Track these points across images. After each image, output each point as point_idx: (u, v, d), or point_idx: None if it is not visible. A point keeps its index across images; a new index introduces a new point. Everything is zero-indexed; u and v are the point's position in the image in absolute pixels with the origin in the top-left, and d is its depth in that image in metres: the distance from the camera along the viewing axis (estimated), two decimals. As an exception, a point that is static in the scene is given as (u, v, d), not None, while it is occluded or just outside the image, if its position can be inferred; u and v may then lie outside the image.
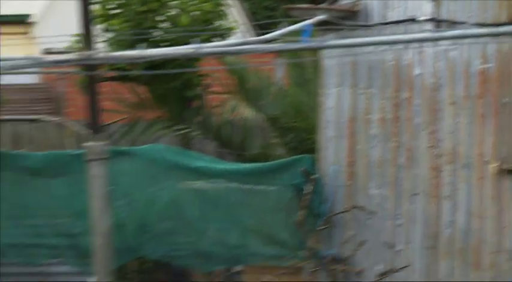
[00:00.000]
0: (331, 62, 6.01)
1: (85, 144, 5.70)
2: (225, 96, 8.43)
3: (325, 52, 6.00)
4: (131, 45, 6.72)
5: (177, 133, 8.35)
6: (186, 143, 8.30)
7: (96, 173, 5.50)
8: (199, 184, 6.41)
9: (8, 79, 10.19)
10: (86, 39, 5.56)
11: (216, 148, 8.46)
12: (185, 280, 7.56)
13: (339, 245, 5.96)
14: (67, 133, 10.25)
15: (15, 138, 10.03)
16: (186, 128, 8.22)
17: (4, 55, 5.66)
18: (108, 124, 7.15)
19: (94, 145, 5.50)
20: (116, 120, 8.36)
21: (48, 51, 8.25)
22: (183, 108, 8.25)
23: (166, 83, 7.94)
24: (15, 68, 5.59)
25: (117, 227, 5.98)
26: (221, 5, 8.47)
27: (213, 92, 8.55)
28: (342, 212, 5.93)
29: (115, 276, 5.87)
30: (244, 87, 7.96)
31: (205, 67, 8.16)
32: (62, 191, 6.64)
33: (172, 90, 8.06)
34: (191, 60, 6.96)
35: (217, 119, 8.35)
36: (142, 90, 8.24)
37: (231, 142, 8.20)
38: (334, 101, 6.01)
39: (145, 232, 6.40)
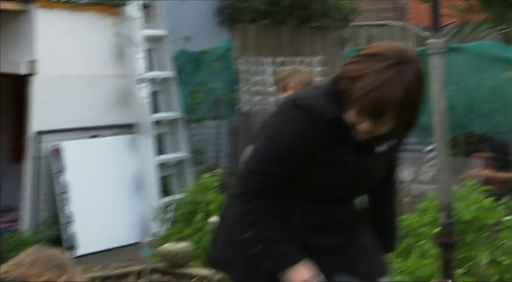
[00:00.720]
0: None
1: (427, 41, 6.11)
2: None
3: None
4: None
5: (500, 32, 8.43)
6: (507, 40, 8.39)
7: (436, 64, 5.87)
8: (518, 73, 6.57)
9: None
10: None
11: (534, 44, 8.45)
12: (504, 150, 7.84)
13: None
14: (409, 35, 10.76)
15: (369, 39, 10.78)
16: (507, 28, 8.26)
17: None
18: (443, 26, 7.50)
19: (434, 42, 5.88)
20: (449, 23, 8.66)
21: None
22: (506, 11, 8.29)
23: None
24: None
25: (450, 108, 6.26)
26: None
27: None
28: None
29: (448, 146, 6.25)
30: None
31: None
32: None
33: (498, -4, 8.20)
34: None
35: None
36: (465, -4, 8.48)
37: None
38: None
39: (472, 112, 6.74)
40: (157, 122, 7.83)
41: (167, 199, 7.72)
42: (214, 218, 5.77)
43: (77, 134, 7.36)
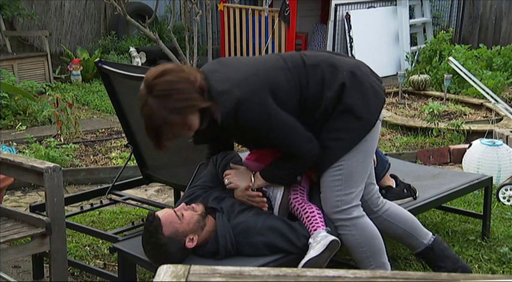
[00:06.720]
0: None
1: None
2: None
3: None
4: None
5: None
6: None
7: None
8: None
9: None
10: None
11: None
12: None
13: None
14: None
15: None
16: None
17: None
18: None
19: None
20: None
21: None
22: None
23: None
24: None
25: None
26: None
27: None
28: None
29: None
30: None
31: None
32: None
33: None
34: None
35: None
36: None
37: None
38: None
39: None
40: (411, -3, 9.36)
41: (415, 48, 9.29)
42: (451, 58, 6.76)
43: (360, 5, 8.93)
